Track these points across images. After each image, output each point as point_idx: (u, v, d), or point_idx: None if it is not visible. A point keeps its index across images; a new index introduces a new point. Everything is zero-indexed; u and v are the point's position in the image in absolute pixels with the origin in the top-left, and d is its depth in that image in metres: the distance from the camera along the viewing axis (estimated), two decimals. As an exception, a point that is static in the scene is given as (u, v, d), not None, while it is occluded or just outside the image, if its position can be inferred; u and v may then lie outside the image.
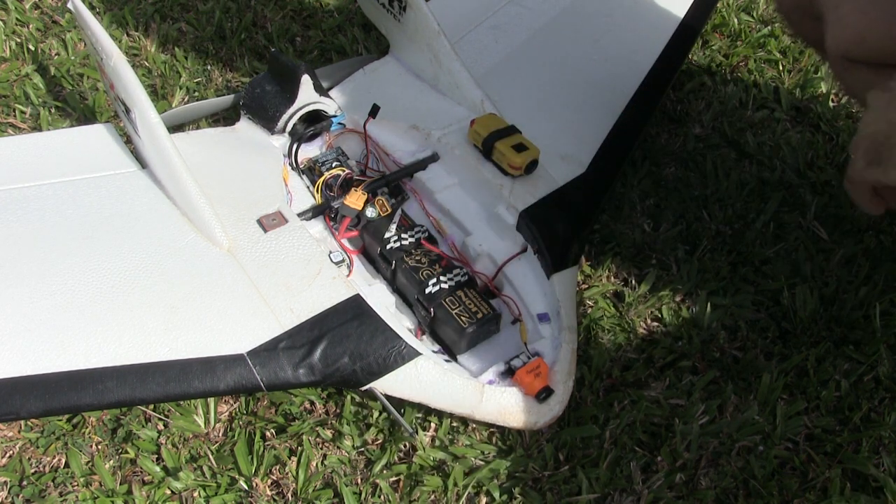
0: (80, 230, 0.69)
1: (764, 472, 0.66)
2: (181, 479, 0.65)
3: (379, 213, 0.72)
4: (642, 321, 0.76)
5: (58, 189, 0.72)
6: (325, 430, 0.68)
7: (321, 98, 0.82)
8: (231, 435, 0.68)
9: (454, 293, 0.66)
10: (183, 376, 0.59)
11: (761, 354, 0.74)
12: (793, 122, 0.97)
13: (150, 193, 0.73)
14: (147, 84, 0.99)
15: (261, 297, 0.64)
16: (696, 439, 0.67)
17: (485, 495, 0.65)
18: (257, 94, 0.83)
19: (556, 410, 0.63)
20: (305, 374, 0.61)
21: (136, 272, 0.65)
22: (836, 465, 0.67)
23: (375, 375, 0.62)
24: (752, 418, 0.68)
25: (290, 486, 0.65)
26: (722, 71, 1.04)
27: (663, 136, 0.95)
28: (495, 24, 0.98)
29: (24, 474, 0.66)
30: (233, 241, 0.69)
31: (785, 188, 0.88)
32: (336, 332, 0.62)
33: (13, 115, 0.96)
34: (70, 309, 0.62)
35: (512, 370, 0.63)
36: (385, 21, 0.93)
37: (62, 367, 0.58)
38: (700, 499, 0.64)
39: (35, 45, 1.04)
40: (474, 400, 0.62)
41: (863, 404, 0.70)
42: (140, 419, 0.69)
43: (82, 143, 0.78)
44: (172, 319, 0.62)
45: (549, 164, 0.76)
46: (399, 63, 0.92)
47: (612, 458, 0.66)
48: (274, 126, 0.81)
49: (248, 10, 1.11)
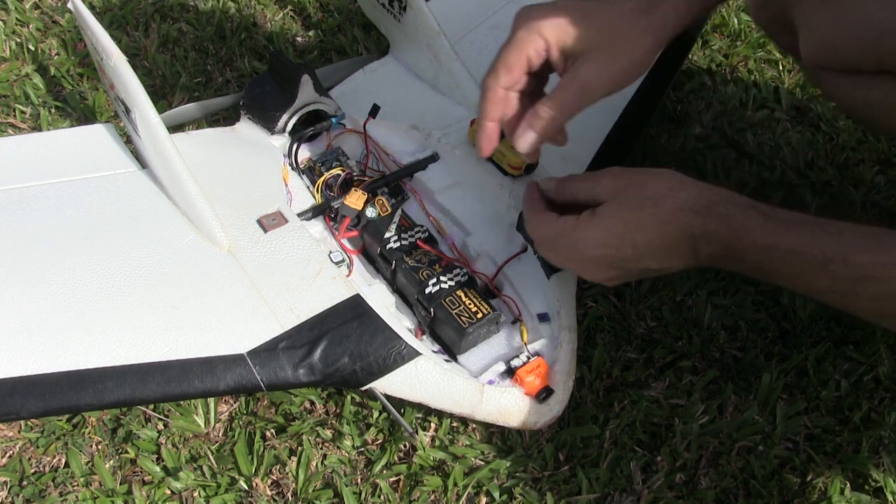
0: (80, 230, 0.69)
1: (764, 472, 0.66)
2: (181, 479, 0.65)
3: (379, 213, 0.72)
4: (642, 321, 0.76)
5: (58, 189, 0.72)
6: (325, 430, 0.68)
7: (321, 98, 0.82)
8: (231, 435, 0.68)
9: (454, 293, 0.66)
10: (183, 376, 0.59)
11: (761, 354, 0.74)
12: (793, 122, 0.97)
13: (150, 193, 0.73)
14: (147, 84, 0.98)
15: (261, 297, 0.64)
16: (696, 439, 0.67)
17: (485, 495, 0.65)
18: (257, 94, 0.83)
19: (556, 410, 0.63)
20: (305, 374, 0.61)
21: (136, 272, 0.65)
22: (836, 465, 0.67)
23: (375, 375, 0.62)
24: (752, 418, 0.69)
25: (290, 486, 0.65)
26: (722, 71, 1.04)
27: (663, 136, 0.95)
28: (495, 24, 0.98)
29: (24, 474, 0.66)
30: (233, 241, 0.69)
31: (785, 188, 0.88)
32: (336, 332, 0.62)
33: (13, 115, 0.96)
34: (70, 309, 0.62)
35: (512, 370, 0.63)
36: (385, 21, 0.92)
37: (62, 367, 0.58)
38: (700, 499, 0.64)
39: (35, 45, 1.04)
40: (474, 400, 0.62)
41: (863, 404, 0.70)
42: (140, 419, 0.69)
43: (82, 143, 0.78)
44: (172, 319, 0.62)
45: (549, 164, 0.76)
46: (399, 63, 0.92)
47: (612, 458, 0.66)
48: (274, 126, 0.81)
49: (248, 9, 1.11)
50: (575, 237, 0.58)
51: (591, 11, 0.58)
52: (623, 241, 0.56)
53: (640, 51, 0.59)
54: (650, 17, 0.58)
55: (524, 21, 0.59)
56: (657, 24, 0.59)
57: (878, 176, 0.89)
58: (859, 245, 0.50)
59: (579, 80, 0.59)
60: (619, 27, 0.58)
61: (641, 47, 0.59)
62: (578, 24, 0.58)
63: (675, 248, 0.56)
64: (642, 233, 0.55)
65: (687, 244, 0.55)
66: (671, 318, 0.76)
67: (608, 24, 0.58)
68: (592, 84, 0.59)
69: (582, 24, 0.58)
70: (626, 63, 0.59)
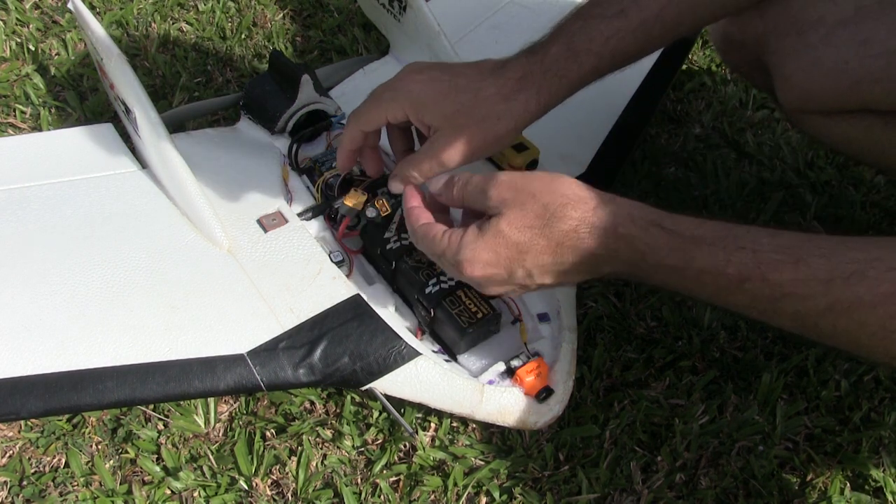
0: (81, 230, 0.69)
1: (764, 472, 0.66)
2: (181, 479, 0.65)
3: (379, 213, 0.72)
4: (642, 321, 0.76)
5: (58, 189, 0.72)
6: (325, 430, 0.68)
7: (321, 98, 0.82)
8: (231, 435, 0.69)
9: (454, 293, 0.66)
10: (183, 376, 0.59)
11: (761, 354, 0.74)
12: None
13: (150, 193, 0.73)
14: (147, 84, 0.99)
15: (261, 297, 0.64)
16: (696, 439, 0.67)
17: (485, 495, 0.65)
18: (257, 94, 0.83)
19: (556, 410, 0.63)
20: (305, 374, 0.61)
21: (136, 272, 0.65)
22: (836, 465, 0.67)
23: (375, 375, 0.62)
24: (752, 418, 0.69)
25: (290, 485, 0.65)
26: (722, 71, 1.04)
27: (663, 136, 0.95)
28: (495, 24, 0.98)
29: (24, 474, 0.66)
30: (233, 241, 0.69)
31: (785, 188, 0.88)
32: (336, 332, 0.62)
33: (13, 115, 0.96)
34: (70, 309, 0.62)
35: (512, 370, 0.63)
36: (385, 21, 0.92)
37: (62, 367, 0.58)
38: (700, 499, 0.64)
39: (35, 45, 1.04)
40: (474, 400, 0.62)
41: (863, 404, 0.70)
42: (140, 419, 0.69)
43: (83, 144, 0.78)
44: (172, 319, 0.62)
45: (549, 163, 0.76)
46: (399, 63, 0.92)
47: (612, 458, 0.66)
48: (274, 126, 0.81)
49: (249, 9, 1.11)
50: (460, 258, 0.53)
51: (455, 91, 0.59)
52: (512, 263, 0.52)
53: (496, 133, 0.60)
54: (510, 103, 0.59)
55: (393, 84, 0.62)
56: (517, 111, 0.59)
57: (877, 176, 0.89)
58: (777, 261, 0.46)
59: (434, 152, 0.60)
60: (479, 111, 0.59)
61: (498, 130, 0.59)
62: (439, 103, 0.59)
63: (571, 269, 0.52)
64: (533, 256, 0.52)
65: (584, 264, 0.52)
66: (671, 318, 0.76)
67: (468, 106, 0.59)
68: (446, 157, 0.60)
69: (444, 102, 0.59)
70: (480, 143, 0.60)
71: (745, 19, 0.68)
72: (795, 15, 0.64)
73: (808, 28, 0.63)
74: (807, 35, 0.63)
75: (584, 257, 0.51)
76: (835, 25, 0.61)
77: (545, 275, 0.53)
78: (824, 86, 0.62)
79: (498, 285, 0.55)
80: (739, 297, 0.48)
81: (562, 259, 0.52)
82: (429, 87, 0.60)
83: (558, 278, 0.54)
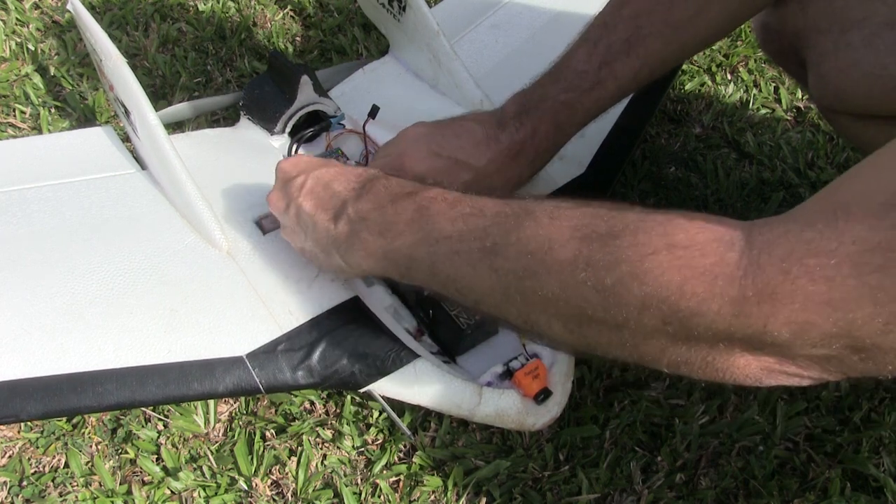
0: (80, 232, 0.69)
1: (764, 472, 0.66)
2: (181, 479, 0.65)
3: (378, 213, 0.72)
4: (642, 321, 0.76)
5: (57, 191, 0.72)
6: (325, 431, 0.68)
7: (321, 99, 0.82)
8: (231, 435, 0.69)
9: (453, 294, 0.66)
10: (182, 379, 0.59)
11: (761, 354, 0.73)
12: (793, 122, 0.97)
13: (149, 195, 0.73)
14: (147, 84, 0.99)
15: (259, 299, 0.64)
16: (696, 439, 0.67)
17: (485, 495, 0.65)
18: (257, 94, 0.83)
19: (554, 412, 0.63)
20: (304, 376, 0.61)
21: (135, 274, 0.65)
22: (836, 465, 0.67)
23: (374, 377, 0.62)
24: (752, 418, 0.69)
25: (290, 486, 0.66)
26: (722, 71, 1.04)
27: (663, 136, 0.95)
28: (495, 24, 0.98)
29: (23, 474, 0.67)
30: (232, 242, 0.69)
31: (785, 188, 0.88)
32: (335, 334, 0.62)
33: (13, 115, 0.96)
34: (69, 311, 0.62)
35: (510, 372, 0.63)
36: (385, 21, 0.92)
37: (62, 370, 0.58)
38: (700, 499, 0.64)
39: (35, 45, 1.04)
40: (473, 402, 0.62)
41: (863, 404, 0.70)
42: (140, 419, 0.69)
43: (82, 146, 0.78)
44: (171, 322, 0.62)
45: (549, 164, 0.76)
46: (399, 63, 0.92)
47: (612, 458, 0.66)
48: (273, 127, 0.81)
49: (248, 9, 1.11)
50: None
51: (458, 168, 0.66)
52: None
53: (510, 182, 0.68)
54: (506, 174, 0.68)
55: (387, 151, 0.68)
56: (511, 179, 0.68)
57: (878, 175, 0.89)
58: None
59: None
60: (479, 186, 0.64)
61: (511, 179, 0.68)
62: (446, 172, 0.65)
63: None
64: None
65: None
66: (671, 319, 0.75)
67: (469, 182, 0.66)
68: None
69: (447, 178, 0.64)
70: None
71: (786, 11, 0.66)
72: (839, 12, 0.62)
73: (851, 27, 0.61)
74: (848, 34, 0.61)
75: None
76: (880, 27, 0.60)
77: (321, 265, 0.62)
78: (859, 89, 0.60)
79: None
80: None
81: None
82: (435, 164, 0.66)
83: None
